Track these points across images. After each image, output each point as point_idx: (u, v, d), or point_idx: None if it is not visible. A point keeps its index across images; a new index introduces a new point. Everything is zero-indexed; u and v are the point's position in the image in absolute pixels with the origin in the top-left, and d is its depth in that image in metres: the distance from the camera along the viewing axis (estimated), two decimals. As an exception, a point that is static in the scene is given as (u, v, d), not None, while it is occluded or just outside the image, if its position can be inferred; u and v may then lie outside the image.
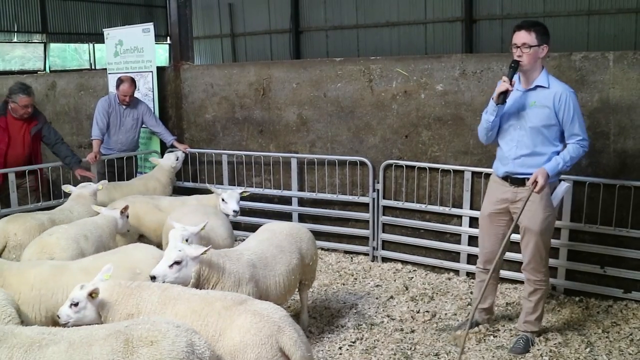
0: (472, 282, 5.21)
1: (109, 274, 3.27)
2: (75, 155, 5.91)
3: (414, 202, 5.63)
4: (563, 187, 3.87)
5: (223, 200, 4.96)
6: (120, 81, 6.54)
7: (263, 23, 19.61)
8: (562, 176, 4.83)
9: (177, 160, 6.35)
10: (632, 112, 4.66)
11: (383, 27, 17.15)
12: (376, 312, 4.70)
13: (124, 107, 6.56)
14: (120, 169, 6.56)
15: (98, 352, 2.47)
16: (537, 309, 4.03)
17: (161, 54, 20.80)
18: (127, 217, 4.74)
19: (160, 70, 7.21)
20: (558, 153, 3.79)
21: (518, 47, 3.70)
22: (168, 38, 20.25)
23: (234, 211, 4.89)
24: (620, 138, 4.73)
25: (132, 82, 6.56)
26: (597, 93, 4.76)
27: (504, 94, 3.70)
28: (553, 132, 3.77)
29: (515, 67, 3.70)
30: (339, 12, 17.90)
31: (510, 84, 3.69)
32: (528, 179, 3.75)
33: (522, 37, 3.69)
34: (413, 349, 4.11)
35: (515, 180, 3.87)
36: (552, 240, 4.93)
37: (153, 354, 2.46)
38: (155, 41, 7.25)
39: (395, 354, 4.02)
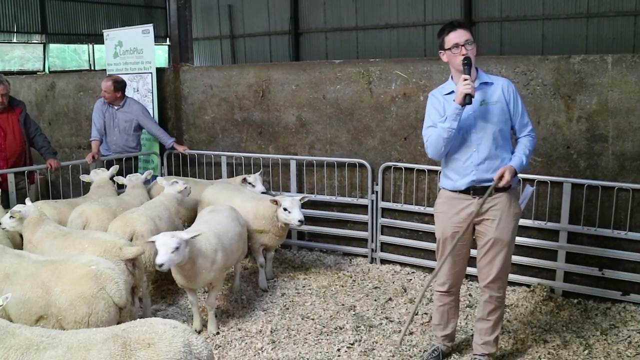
0: (470, 285, 5.22)
1: None
2: (51, 147, 6.10)
3: (412, 204, 5.64)
4: (529, 191, 3.75)
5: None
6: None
7: (262, 24, 19.65)
8: (562, 178, 4.89)
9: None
10: (631, 114, 4.67)
11: (382, 29, 17.18)
12: (375, 314, 4.70)
13: (116, 108, 6.50)
14: (120, 170, 6.53)
15: (96, 356, 2.47)
16: (496, 328, 3.75)
17: (160, 55, 20.82)
18: (186, 189, 5.34)
19: (160, 71, 7.21)
20: (512, 152, 3.58)
21: (462, 45, 3.44)
22: (167, 39, 20.28)
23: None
24: (619, 141, 4.74)
25: (116, 80, 6.43)
26: (596, 96, 4.77)
27: (470, 94, 3.36)
28: (508, 128, 3.58)
29: (468, 63, 3.41)
30: (338, 14, 17.94)
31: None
32: None
33: (464, 34, 3.47)
34: (411, 350, 4.11)
35: (480, 190, 3.54)
36: (551, 243, 4.99)
37: (151, 355, 2.47)
38: (155, 42, 7.25)
39: (393, 356, 4.03)
